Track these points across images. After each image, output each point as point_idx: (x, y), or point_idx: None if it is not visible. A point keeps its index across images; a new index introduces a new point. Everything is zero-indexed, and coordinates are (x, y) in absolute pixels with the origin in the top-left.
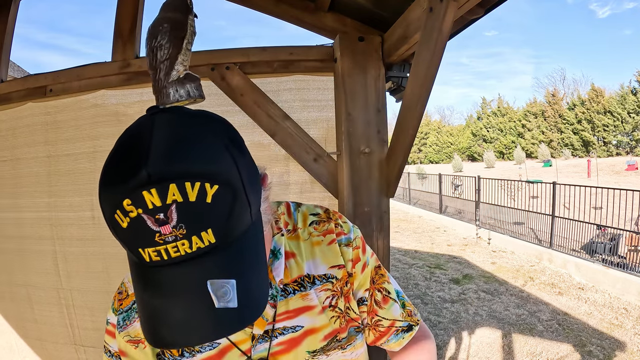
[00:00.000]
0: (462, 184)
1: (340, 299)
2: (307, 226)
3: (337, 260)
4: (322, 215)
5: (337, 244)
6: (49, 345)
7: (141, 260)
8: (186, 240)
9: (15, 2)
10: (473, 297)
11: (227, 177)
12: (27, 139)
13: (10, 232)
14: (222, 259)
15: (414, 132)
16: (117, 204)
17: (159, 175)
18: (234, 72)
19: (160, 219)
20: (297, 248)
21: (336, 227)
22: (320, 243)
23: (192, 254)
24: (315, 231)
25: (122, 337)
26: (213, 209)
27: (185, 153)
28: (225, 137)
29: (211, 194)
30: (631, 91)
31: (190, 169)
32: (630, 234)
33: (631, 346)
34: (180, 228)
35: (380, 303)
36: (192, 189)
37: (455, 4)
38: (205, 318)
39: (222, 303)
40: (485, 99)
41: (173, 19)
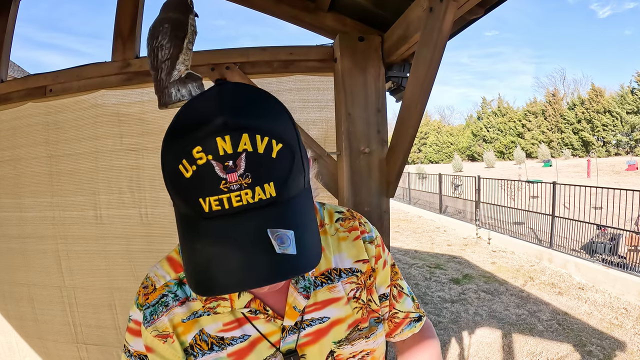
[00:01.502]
0: (462, 184)
1: (364, 292)
2: (333, 222)
3: (362, 255)
4: (347, 213)
5: (362, 240)
6: (49, 343)
7: (198, 212)
8: (250, 190)
9: (15, 2)
10: (473, 297)
11: (289, 139)
12: (28, 139)
13: (12, 232)
14: (281, 212)
15: (414, 132)
16: (186, 152)
17: (235, 124)
18: (234, 72)
19: (229, 166)
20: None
21: (360, 225)
22: (346, 238)
23: (253, 204)
24: (342, 227)
25: (149, 332)
26: (277, 164)
27: (257, 109)
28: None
29: (276, 150)
30: (631, 91)
31: (261, 124)
32: (630, 234)
33: (631, 346)
34: (247, 177)
35: (397, 298)
36: (261, 142)
37: (455, 4)
38: (264, 263)
39: (282, 249)
40: (485, 99)
41: (173, 19)
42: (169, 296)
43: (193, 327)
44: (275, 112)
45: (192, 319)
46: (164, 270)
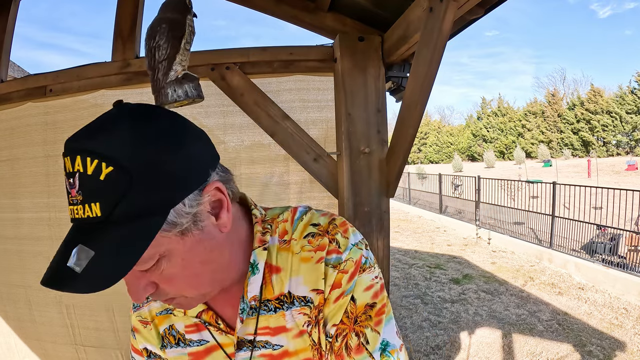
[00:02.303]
0: (462, 184)
1: (315, 329)
2: (301, 238)
3: (318, 283)
4: (323, 226)
5: (325, 263)
6: (47, 345)
7: None
8: (81, 206)
9: (15, 2)
10: (473, 297)
11: (125, 164)
12: (26, 139)
13: (8, 233)
14: (98, 233)
15: (414, 132)
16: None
17: (73, 147)
18: (234, 72)
19: (70, 182)
20: (285, 262)
21: (330, 243)
22: (309, 260)
23: (82, 220)
24: (309, 245)
25: (135, 316)
26: (104, 186)
27: (98, 133)
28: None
29: (105, 173)
30: (631, 91)
31: (95, 148)
32: (630, 234)
33: (631, 346)
34: (79, 194)
35: (352, 350)
36: (91, 164)
37: (455, 4)
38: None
39: (71, 263)
40: (485, 99)
41: (171, 19)
42: None
43: (165, 321)
44: (121, 139)
45: (165, 314)
46: None
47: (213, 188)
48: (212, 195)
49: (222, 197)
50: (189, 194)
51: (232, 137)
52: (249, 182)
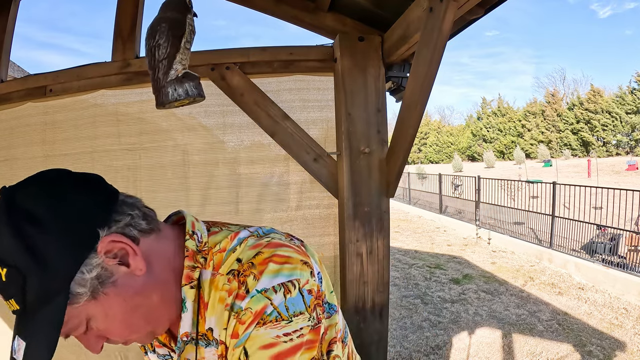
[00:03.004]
0: (462, 184)
1: None
2: (225, 274)
3: (220, 333)
4: (242, 265)
5: (230, 309)
6: None
7: None
8: (7, 302)
9: (15, 2)
10: (473, 297)
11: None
12: (25, 139)
13: None
14: (26, 323)
15: (414, 132)
16: None
17: None
18: (234, 72)
19: None
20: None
21: (239, 287)
22: (223, 301)
23: (14, 312)
24: (227, 284)
25: None
26: (8, 285)
27: None
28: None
29: (4, 274)
30: (631, 91)
31: None
32: (630, 234)
33: (631, 346)
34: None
35: None
36: None
37: (455, 4)
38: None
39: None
40: (485, 99)
41: (171, 18)
42: None
43: None
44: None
45: None
46: None
47: (107, 243)
48: (110, 250)
49: (124, 246)
50: (82, 262)
51: (231, 137)
52: (249, 182)
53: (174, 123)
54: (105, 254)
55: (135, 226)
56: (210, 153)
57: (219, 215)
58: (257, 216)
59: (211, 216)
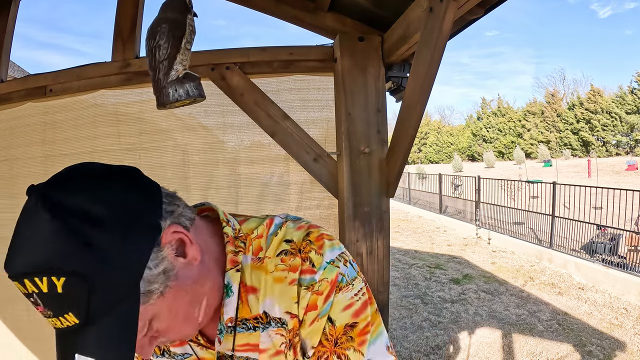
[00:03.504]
0: (462, 184)
1: (290, 352)
2: (275, 256)
3: (291, 307)
4: (296, 243)
5: (298, 284)
6: (46, 345)
7: None
8: (56, 319)
9: (15, 2)
10: (473, 297)
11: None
12: (25, 139)
13: (6, 234)
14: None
15: (414, 132)
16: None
17: (14, 274)
18: (234, 72)
19: (32, 301)
20: (259, 282)
21: (303, 263)
22: (283, 280)
23: (64, 329)
24: (282, 264)
25: None
26: (66, 297)
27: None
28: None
29: (60, 285)
30: (631, 91)
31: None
32: (630, 234)
33: (631, 346)
34: (48, 310)
35: None
36: (41, 282)
37: (455, 4)
38: None
39: None
40: (485, 99)
41: (171, 19)
42: None
43: None
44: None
45: None
46: None
47: (169, 234)
48: (170, 242)
49: (182, 236)
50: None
51: (231, 136)
52: (249, 182)
53: (174, 123)
54: (169, 246)
55: (185, 215)
56: (210, 153)
57: None
58: None
59: None
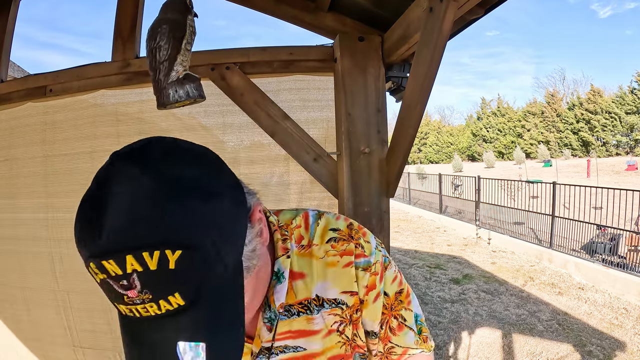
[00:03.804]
0: (462, 184)
1: (348, 327)
2: (324, 243)
3: (350, 286)
4: (344, 231)
5: (354, 267)
6: (47, 346)
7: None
8: (153, 303)
9: (15, 2)
10: (473, 297)
11: (191, 240)
12: (25, 139)
13: (6, 233)
14: (192, 319)
15: (414, 132)
16: (86, 262)
17: (114, 248)
18: (234, 72)
19: (124, 285)
20: (308, 267)
21: (356, 248)
22: (336, 264)
23: (160, 315)
24: (333, 250)
25: None
26: (178, 273)
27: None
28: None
29: (174, 260)
30: (631, 91)
31: (147, 239)
32: (630, 234)
33: (631, 346)
34: (146, 293)
35: (395, 330)
36: (151, 258)
37: (455, 4)
38: None
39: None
40: (485, 99)
41: (172, 20)
42: None
43: None
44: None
45: None
46: None
47: (256, 213)
48: (257, 220)
49: (261, 216)
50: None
51: (231, 136)
52: (249, 182)
53: (173, 123)
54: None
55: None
56: None
57: None
58: None
59: None
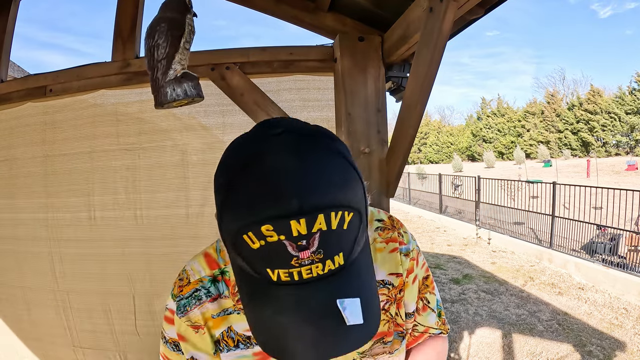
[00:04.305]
0: (462, 184)
1: (393, 305)
2: (372, 229)
3: (396, 269)
4: (387, 222)
5: (399, 252)
6: (47, 346)
7: (265, 278)
8: (320, 263)
9: (15, 2)
10: (473, 297)
11: (359, 203)
12: (25, 139)
13: (6, 233)
14: (347, 278)
15: (414, 132)
16: (254, 226)
17: (311, 206)
18: (234, 72)
19: (302, 245)
20: None
21: (399, 236)
22: (383, 250)
23: (322, 275)
24: (379, 237)
25: (182, 321)
26: (347, 234)
27: (331, 184)
28: (352, 163)
29: (348, 221)
30: (630, 91)
31: (335, 200)
32: (630, 234)
33: (631, 346)
34: (319, 253)
35: (420, 310)
36: (335, 217)
37: (455, 4)
38: (337, 334)
39: (352, 320)
40: (484, 99)
41: (171, 18)
42: (202, 291)
43: (222, 323)
44: (349, 180)
45: (222, 316)
46: (199, 266)
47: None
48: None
49: None
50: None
51: (231, 136)
52: None
53: (173, 123)
54: None
55: None
56: (209, 153)
57: None
58: None
59: (211, 216)
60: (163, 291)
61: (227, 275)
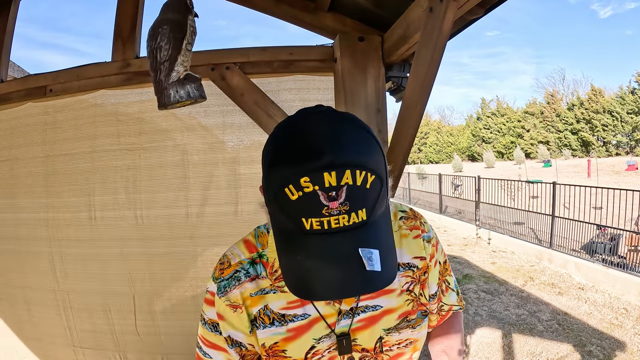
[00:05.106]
0: (462, 184)
1: (417, 286)
2: (397, 219)
3: (421, 253)
4: (409, 212)
5: (422, 239)
6: (47, 346)
7: (299, 228)
8: (346, 215)
9: (15, 2)
10: (473, 297)
11: (380, 170)
12: (26, 139)
13: (7, 233)
14: (369, 232)
15: (414, 132)
16: (293, 179)
17: (341, 162)
18: (234, 72)
19: (332, 195)
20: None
21: (420, 225)
22: (407, 236)
23: (347, 227)
24: (404, 225)
25: (222, 301)
26: (369, 193)
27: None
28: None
29: (370, 182)
30: (631, 91)
31: (361, 161)
32: (630, 234)
33: (631, 346)
34: (345, 205)
35: (444, 292)
36: (359, 175)
37: (455, 4)
38: (356, 278)
39: (370, 267)
40: (484, 100)
41: (172, 20)
42: (242, 272)
43: (259, 301)
44: (373, 148)
45: (260, 295)
46: (239, 250)
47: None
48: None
49: None
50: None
51: (231, 136)
52: (249, 182)
53: (174, 123)
54: None
55: None
56: (209, 153)
57: (219, 216)
58: (257, 216)
59: (211, 216)
60: (163, 291)
61: (264, 258)
